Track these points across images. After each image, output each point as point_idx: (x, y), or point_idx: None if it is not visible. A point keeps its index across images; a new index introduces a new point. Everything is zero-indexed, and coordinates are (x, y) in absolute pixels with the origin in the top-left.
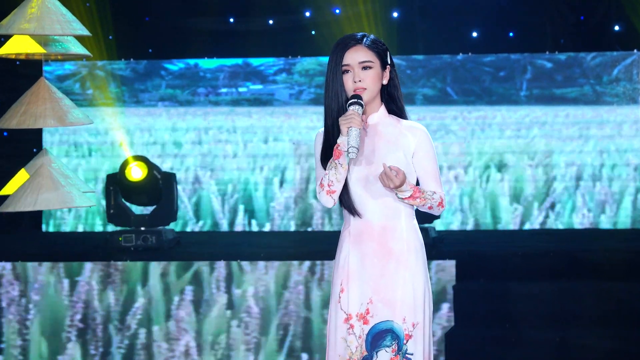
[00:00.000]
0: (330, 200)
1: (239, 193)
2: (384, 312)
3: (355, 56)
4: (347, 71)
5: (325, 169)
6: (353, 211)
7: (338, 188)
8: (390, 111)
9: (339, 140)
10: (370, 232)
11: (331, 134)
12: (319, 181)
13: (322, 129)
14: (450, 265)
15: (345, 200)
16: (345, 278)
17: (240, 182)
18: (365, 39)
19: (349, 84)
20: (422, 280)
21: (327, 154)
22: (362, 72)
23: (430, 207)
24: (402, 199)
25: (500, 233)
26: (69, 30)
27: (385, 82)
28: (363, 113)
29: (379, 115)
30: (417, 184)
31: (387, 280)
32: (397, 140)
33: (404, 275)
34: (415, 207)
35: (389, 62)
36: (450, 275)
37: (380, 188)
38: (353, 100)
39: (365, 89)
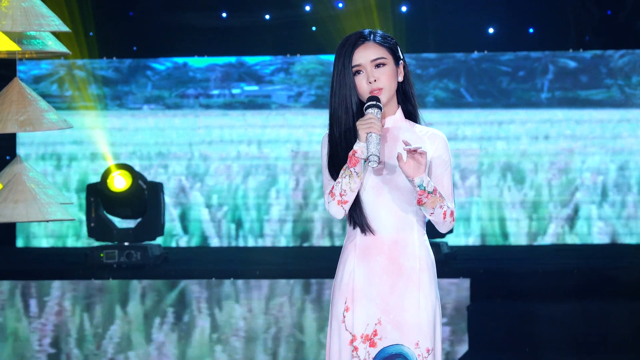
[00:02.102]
0: (341, 212)
1: (231, 205)
2: (393, 334)
3: (366, 54)
4: (358, 72)
5: (332, 176)
6: (365, 227)
7: (350, 198)
8: (406, 113)
9: (355, 147)
10: (379, 246)
11: (339, 146)
12: (328, 189)
13: (328, 132)
14: (464, 283)
15: (357, 215)
16: (350, 295)
17: (233, 193)
18: (373, 35)
19: (363, 85)
20: (434, 302)
21: (333, 162)
22: (376, 70)
23: (444, 216)
24: (422, 196)
25: (516, 248)
26: (45, 26)
27: (400, 78)
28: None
29: (396, 119)
30: None
31: (397, 299)
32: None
33: (417, 296)
34: (426, 219)
35: (402, 57)
36: (464, 294)
37: (393, 198)
38: (371, 102)
39: (382, 88)
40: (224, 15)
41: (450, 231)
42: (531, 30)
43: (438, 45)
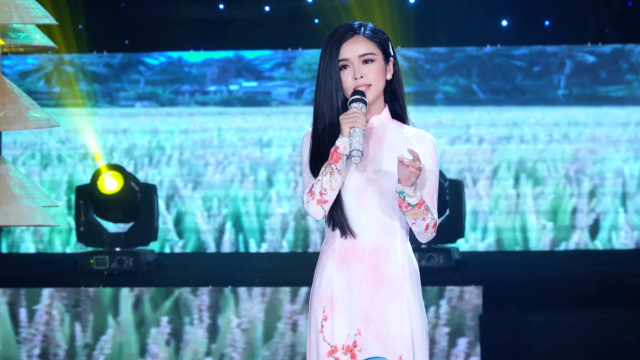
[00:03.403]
0: (321, 212)
1: (229, 208)
2: (373, 346)
3: (355, 48)
4: (345, 67)
5: (314, 174)
6: (346, 230)
7: (331, 198)
8: (393, 112)
9: (338, 142)
10: (360, 252)
11: (322, 142)
12: (307, 188)
13: (312, 128)
14: (476, 292)
15: (338, 216)
16: (328, 304)
17: (230, 196)
18: (363, 29)
19: (348, 81)
20: (419, 313)
21: (315, 160)
22: (364, 66)
23: (425, 227)
24: (402, 204)
25: (532, 255)
26: (31, 18)
27: (389, 76)
28: (366, 113)
29: (382, 118)
30: None
31: (378, 310)
32: (402, 148)
33: (400, 307)
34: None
35: (392, 54)
36: (476, 303)
37: (377, 201)
38: (356, 96)
39: (370, 85)
40: (221, 6)
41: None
42: (547, 22)
43: (448, 38)
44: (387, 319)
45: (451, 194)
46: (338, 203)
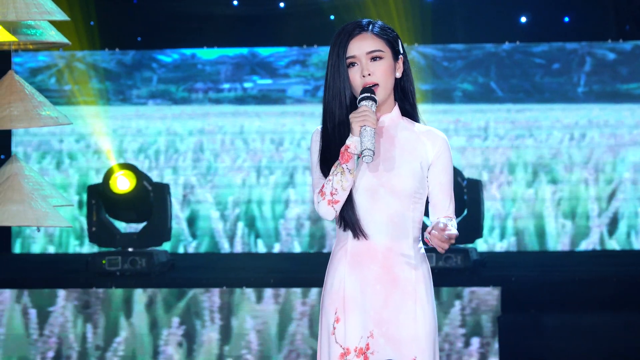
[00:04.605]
0: (332, 212)
1: (243, 208)
2: (386, 349)
3: (362, 46)
4: (353, 64)
5: (324, 173)
6: (358, 231)
7: (342, 198)
8: (403, 111)
9: (348, 141)
10: (373, 253)
11: (332, 141)
12: (318, 188)
13: (321, 126)
14: (494, 293)
15: (349, 217)
16: (341, 306)
17: (245, 195)
18: (371, 26)
19: (357, 79)
20: (432, 315)
21: (325, 159)
22: (372, 64)
23: None
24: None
25: (551, 255)
26: (43, 15)
27: (398, 74)
28: (376, 112)
29: (392, 116)
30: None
31: (391, 312)
32: (414, 147)
33: (413, 309)
34: (421, 226)
35: (402, 52)
36: (495, 304)
37: (389, 202)
38: (365, 94)
39: (377, 83)
40: (235, 3)
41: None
42: (567, 19)
43: (466, 35)
44: (400, 321)
45: (469, 194)
46: (349, 204)
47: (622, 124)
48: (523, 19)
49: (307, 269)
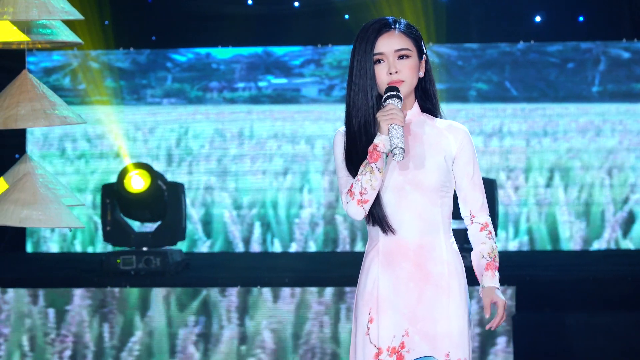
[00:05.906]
0: (361, 212)
1: (258, 207)
2: (422, 346)
3: (391, 43)
4: (379, 61)
5: (351, 173)
6: (386, 226)
7: (371, 197)
8: (423, 108)
9: (376, 140)
10: (404, 251)
11: (358, 139)
12: (346, 189)
13: (343, 128)
14: (509, 292)
15: (377, 213)
16: (374, 306)
17: (259, 195)
18: (398, 24)
19: (383, 76)
20: (465, 310)
21: (350, 159)
22: (399, 61)
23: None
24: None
25: (565, 254)
26: (57, 14)
27: (421, 74)
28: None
29: (413, 113)
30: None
31: (425, 308)
32: (437, 142)
33: (447, 303)
34: (451, 221)
35: (425, 52)
36: (509, 304)
37: (417, 199)
38: (391, 93)
39: (403, 81)
40: (250, 2)
41: None
42: (581, 18)
43: (481, 34)
44: (434, 317)
45: None
46: (377, 201)
47: (636, 122)
48: (538, 19)
49: (322, 268)
